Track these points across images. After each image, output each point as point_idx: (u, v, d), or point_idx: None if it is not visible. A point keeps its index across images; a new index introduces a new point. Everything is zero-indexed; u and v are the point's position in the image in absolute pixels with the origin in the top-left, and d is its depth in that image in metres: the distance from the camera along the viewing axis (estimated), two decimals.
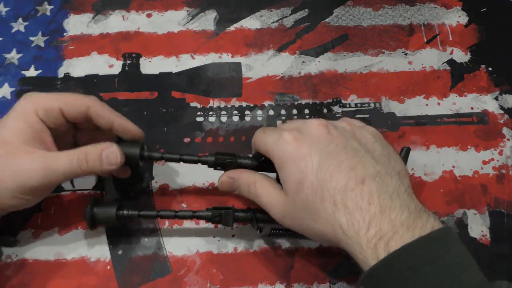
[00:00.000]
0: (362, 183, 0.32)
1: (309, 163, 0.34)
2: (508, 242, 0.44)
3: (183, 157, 0.41)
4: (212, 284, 0.42)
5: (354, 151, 0.34)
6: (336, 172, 0.33)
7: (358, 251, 0.31)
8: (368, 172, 0.33)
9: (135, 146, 0.40)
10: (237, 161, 0.41)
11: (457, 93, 0.52)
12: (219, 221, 0.40)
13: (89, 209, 0.40)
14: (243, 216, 0.41)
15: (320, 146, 0.34)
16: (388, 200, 0.32)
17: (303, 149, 0.34)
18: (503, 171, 0.47)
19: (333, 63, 0.53)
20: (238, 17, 0.56)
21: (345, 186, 0.32)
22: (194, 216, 0.40)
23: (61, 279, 0.41)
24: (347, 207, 0.32)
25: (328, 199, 0.33)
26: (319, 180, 0.33)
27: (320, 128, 0.35)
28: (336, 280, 0.42)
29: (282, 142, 0.35)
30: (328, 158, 0.34)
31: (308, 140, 0.35)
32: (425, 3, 0.58)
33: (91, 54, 0.53)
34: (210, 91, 0.51)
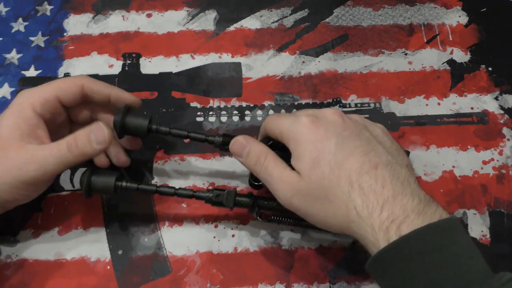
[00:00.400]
0: (376, 168, 0.33)
1: (327, 145, 0.34)
2: (508, 242, 0.44)
3: (190, 134, 0.41)
4: (212, 284, 0.42)
5: (367, 140, 0.36)
6: (352, 155, 0.34)
7: (369, 233, 0.32)
8: (381, 160, 0.34)
9: (144, 117, 0.40)
10: None
11: (457, 93, 0.52)
12: (220, 201, 0.40)
13: (87, 175, 0.39)
14: (244, 200, 0.40)
15: (337, 131, 0.35)
16: (400, 187, 0.33)
17: (320, 132, 0.35)
18: (503, 171, 0.47)
19: (333, 63, 0.53)
20: (238, 17, 0.56)
21: (360, 168, 0.33)
22: (194, 196, 0.40)
23: (61, 279, 0.41)
24: (362, 188, 0.33)
25: (344, 178, 0.33)
26: (336, 160, 0.34)
27: (336, 115, 0.36)
28: (336, 280, 0.42)
29: (299, 124, 0.36)
30: (344, 142, 0.35)
31: (325, 124, 0.36)
32: (425, 3, 0.58)
33: (91, 54, 0.53)
34: (210, 91, 0.51)
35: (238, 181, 0.46)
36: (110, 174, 0.40)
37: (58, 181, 0.46)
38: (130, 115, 0.40)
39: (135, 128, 0.40)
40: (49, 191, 0.45)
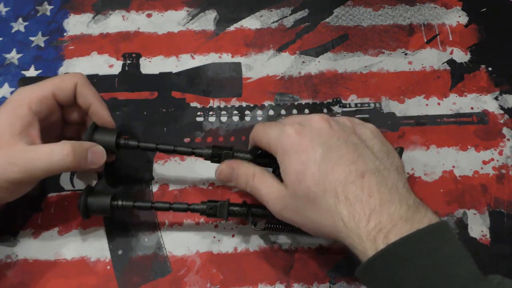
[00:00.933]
0: (362, 177, 0.33)
1: (311, 155, 0.34)
2: (508, 242, 0.44)
3: (159, 146, 0.41)
4: (212, 284, 0.42)
5: (354, 146, 0.35)
6: (337, 165, 0.33)
7: (357, 243, 0.32)
8: (368, 167, 0.34)
9: (111, 133, 0.41)
10: (234, 154, 0.41)
11: (457, 93, 0.52)
12: (214, 214, 0.40)
13: (83, 198, 0.39)
14: (238, 210, 0.41)
15: (322, 139, 0.35)
16: (388, 194, 0.32)
17: (305, 142, 0.35)
18: (503, 171, 0.47)
19: (333, 63, 0.53)
20: (238, 17, 0.56)
21: (346, 179, 0.33)
22: (189, 209, 0.40)
23: (61, 279, 0.41)
24: (348, 199, 0.32)
25: (330, 190, 0.33)
26: (321, 171, 0.33)
27: (321, 121, 0.36)
28: (336, 280, 0.42)
29: (284, 135, 0.36)
30: (330, 151, 0.34)
31: (310, 133, 0.35)
32: (425, 3, 0.58)
33: (91, 54, 0.53)
34: (210, 91, 0.51)
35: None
36: (106, 195, 0.40)
37: (58, 181, 0.46)
38: (98, 133, 0.41)
39: (103, 145, 0.40)
40: (49, 191, 0.45)
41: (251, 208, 0.41)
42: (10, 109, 0.38)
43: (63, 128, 0.43)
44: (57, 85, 0.40)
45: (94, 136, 0.41)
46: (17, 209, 0.44)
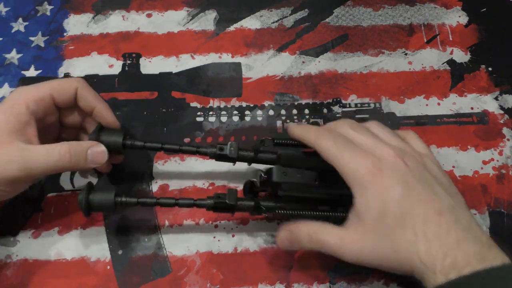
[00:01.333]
0: (440, 215, 0.34)
1: (392, 194, 0.34)
2: (508, 242, 0.44)
3: (164, 146, 0.41)
4: (212, 284, 0.42)
5: (429, 183, 0.35)
6: (417, 204, 0.34)
7: (430, 277, 0.32)
8: (443, 205, 0.34)
9: (117, 134, 0.41)
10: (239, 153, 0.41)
11: (457, 93, 0.52)
12: (223, 202, 0.39)
13: (85, 194, 0.38)
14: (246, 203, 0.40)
15: (400, 178, 0.35)
16: (462, 232, 0.33)
17: (385, 180, 0.35)
18: (503, 171, 0.47)
19: (333, 63, 0.53)
20: (238, 17, 0.56)
21: (425, 218, 0.34)
22: (195, 204, 0.40)
23: (61, 279, 0.41)
24: (427, 235, 0.33)
25: (410, 228, 0.33)
26: (402, 210, 0.34)
27: (397, 159, 0.36)
28: (336, 280, 0.42)
29: (363, 169, 0.35)
30: (408, 190, 0.34)
31: (388, 170, 0.35)
32: (425, 3, 0.58)
33: (91, 54, 0.53)
34: (210, 91, 0.51)
35: (238, 182, 0.46)
36: (108, 191, 0.39)
37: (58, 181, 0.46)
38: (104, 133, 0.41)
39: (110, 145, 0.40)
40: (49, 191, 0.45)
41: (258, 200, 0.41)
42: (8, 107, 0.38)
43: (61, 131, 0.43)
44: (56, 88, 0.40)
45: (101, 137, 0.41)
46: (17, 209, 0.44)
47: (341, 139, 0.37)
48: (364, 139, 0.37)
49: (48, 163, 0.37)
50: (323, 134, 0.38)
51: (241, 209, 0.40)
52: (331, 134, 0.37)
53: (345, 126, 0.38)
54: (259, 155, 0.41)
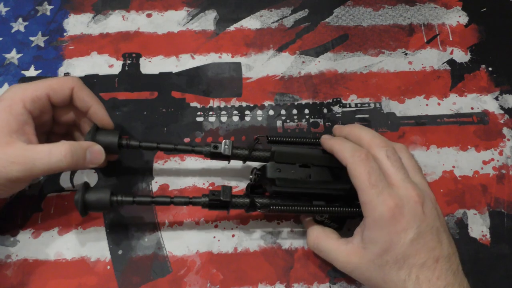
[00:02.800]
0: (436, 262, 0.36)
1: (402, 239, 0.36)
2: (508, 242, 0.44)
3: (160, 145, 0.42)
4: (212, 284, 0.42)
5: (437, 232, 0.37)
6: (420, 252, 0.36)
7: None
8: (443, 252, 0.36)
9: (113, 134, 0.41)
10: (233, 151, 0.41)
11: (457, 93, 0.52)
12: (217, 199, 0.40)
13: (81, 194, 0.39)
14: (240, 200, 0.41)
15: (416, 224, 0.36)
16: (452, 277, 0.36)
17: (401, 223, 0.36)
18: (503, 171, 0.47)
19: (333, 63, 0.53)
20: (238, 17, 0.56)
21: (423, 264, 0.35)
22: (190, 202, 0.40)
23: (61, 279, 0.41)
24: (419, 279, 0.35)
25: (405, 269, 0.36)
26: (404, 254, 0.36)
27: (418, 205, 0.37)
28: (336, 280, 0.42)
29: (385, 207, 0.36)
30: (418, 237, 0.36)
31: (407, 215, 0.36)
32: (425, 3, 0.58)
33: (91, 54, 0.53)
34: (210, 91, 0.51)
35: (238, 181, 0.46)
36: (104, 190, 0.40)
37: (58, 181, 0.46)
38: (100, 134, 0.41)
39: (106, 145, 0.41)
40: (49, 191, 0.45)
41: (253, 197, 0.41)
42: (6, 107, 0.38)
43: (53, 126, 0.43)
44: (52, 87, 0.40)
45: (97, 137, 0.41)
46: (17, 209, 0.44)
47: (374, 172, 0.37)
48: (395, 171, 0.38)
49: (50, 163, 0.37)
50: (360, 158, 0.38)
51: (236, 206, 0.41)
52: (367, 163, 0.37)
53: (382, 152, 0.38)
54: (253, 153, 0.42)
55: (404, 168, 0.38)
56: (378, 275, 0.37)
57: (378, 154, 0.38)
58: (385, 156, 0.38)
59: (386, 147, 0.39)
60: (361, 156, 0.38)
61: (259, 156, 0.42)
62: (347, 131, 0.42)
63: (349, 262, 0.38)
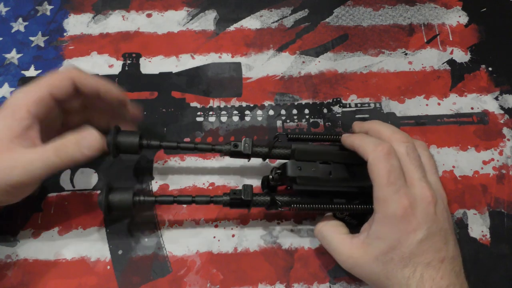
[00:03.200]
0: (442, 262, 0.36)
1: (410, 239, 0.36)
2: (508, 242, 0.44)
3: (180, 144, 0.42)
4: (212, 284, 0.42)
5: (445, 233, 0.37)
6: (426, 252, 0.36)
7: None
8: (448, 253, 0.36)
9: (134, 135, 0.41)
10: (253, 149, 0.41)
11: (457, 93, 0.52)
12: (238, 201, 0.40)
13: (104, 195, 0.39)
14: (262, 199, 0.41)
15: (427, 225, 0.36)
16: (455, 278, 0.36)
17: (412, 223, 0.36)
18: (503, 171, 0.47)
19: (333, 63, 0.53)
20: (238, 17, 0.56)
21: (429, 262, 0.36)
22: (212, 201, 0.41)
23: (61, 279, 0.41)
24: (423, 277, 0.35)
25: (410, 267, 0.36)
26: (411, 254, 0.36)
27: (431, 205, 0.37)
28: (336, 280, 0.42)
29: (399, 206, 0.36)
30: (427, 238, 0.36)
31: (419, 216, 0.36)
32: (425, 3, 0.58)
33: (91, 54, 0.53)
34: (210, 91, 0.51)
35: (238, 182, 0.46)
36: (127, 191, 0.40)
37: (58, 181, 0.46)
38: (120, 135, 0.41)
39: (127, 146, 0.41)
40: (49, 191, 0.45)
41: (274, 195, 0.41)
42: (9, 113, 0.38)
43: (65, 118, 0.43)
44: (53, 84, 0.39)
45: (118, 138, 0.41)
46: (17, 209, 0.44)
47: (395, 170, 0.37)
48: (413, 169, 0.38)
49: (48, 162, 0.37)
50: (382, 153, 0.37)
51: (257, 205, 0.41)
52: (389, 160, 0.37)
53: (402, 147, 0.38)
54: (273, 150, 0.42)
55: (422, 167, 0.38)
56: (381, 272, 0.36)
57: (399, 149, 0.38)
58: (405, 152, 0.38)
59: (406, 142, 0.39)
60: (384, 150, 0.37)
61: (279, 154, 0.42)
62: (367, 126, 0.42)
63: (351, 257, 0.38)
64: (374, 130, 0.41)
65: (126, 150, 0.41)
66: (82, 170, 0.46)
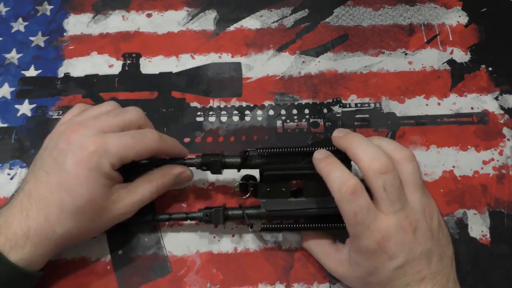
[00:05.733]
0: (422, 281, 0.35)
1: (386, 267, 0.35)
2: (508, 242, 0.44)
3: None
4: (212, 284, 0.42)
5: (428, 253, 0.35)
6: (405, 275, 0.35)
7: None
8: (430, 271, 0.35)
9: None
10: (222, 161, 0.41)
11: (457, 93, 0.52)
12: (210, 220, 0.41)
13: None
14: (234, 214, 0.41)
15: (403, 253, 0.35)
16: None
17: (387, 253, 0.35)
18: (503, 171, 0.47)
19: (333, 63, 0.53)
20: (238, 17, 0.56)
21: (406, 284, 0.35)
22: (188, 218, 0.41)
23: (61, 279, 0.41)
24: None
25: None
26: (388, 278, 0.35)
27: (407, 233, 0.35)
28: (336, 280, 0.42)
29: (369, 238, 0.35)
30: (405, 264, 0.35)
31: (394, 246, 0.35)
32: (425, 3, 0.58)
33: (91, 54, 0.53)
34: (210, 91, 0.51)
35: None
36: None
37: None
38: None
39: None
40: None
41: (246, 211, 0.41)
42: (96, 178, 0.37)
43: None
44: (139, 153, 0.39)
45: None
46: None
47: (361, 210, 0.34)
48: (389, 204, 0.35)
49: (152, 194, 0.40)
50: (346, 194, 0.35)
51: (230, 220, 0.42)
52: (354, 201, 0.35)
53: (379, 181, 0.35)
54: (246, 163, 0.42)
55: (401, 197, 0.35)
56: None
57: (375, 184, 0.35)
58: (382, 187, 0.35)
59: (386, 173, 0.35)
60: (348, 191, 0.34)
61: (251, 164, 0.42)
62: (345, 145, 0.37)
63: (337, 271, 0.40)
64: (351, 154, 0.37)
65: None
66: None
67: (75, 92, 0.50)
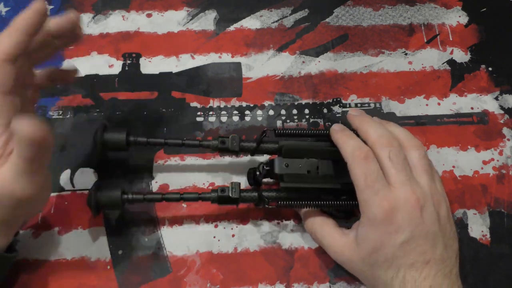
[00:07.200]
0: (426, 264, 0.36)
1: (393, 239, 0.36)
2: (508, 242, 0.44)
3: (167, 141, 0.43)
4: (212, 284, 0.42)
5: (433, 236, 0.36)
6: (410, 253, 0.36)
7: None
8: (434, 255, 0.36)
9: (121, 132, 0.42)
10: (240, 144, 0.42)
11: (457, 93, 0.52)
12: (227, 197, 0.41)
13: (93, 193, 0.40)
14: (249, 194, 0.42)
15: (409, 228, 0.36)
16: (440, 279, 0.36)
17: (393, 225, 0.36)
18: (503, 171, 0.47)
19: (333, 63, 0.53)
20: (238, 17, 0.56)
21: (411, 265, 0.36)
22: (200, 198, 0.41)
23: (61, 279, 0.41)
24: (405, 278, 0.36)
25: (394, 268, 0.36)
26: (393, 255, 0.36)
27: (415, 209, 0.36)
28: (336, 280, 0.42)
29: (377, 205, 0.36)
30: (410, 241, 0.36)
31: (401, 218, 0.36)
32: (425, 3, 0.58)
33: (91, 54, 0.53)
34: (210, 91, 0.51)
35: (239, 181, 0.46)
36: (115, 189, 0.41)
37: (58, 181, 0.46)
38: (107, 133, 0.42)
39: (114, 143, 0.42)
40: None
41: (261, 192, 0.42)
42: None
43: None
44: None
45: (104, 136, 0.42)
46: None
47: (371, 173, 0.37)
48: (395, 173, 0.37)
49: None
50: (359, 159, 0.37)
51: (245, 201, 0.42)
52: (365, 164, 0.37)
53: (384, 152, 0.38)
54: (261, 145, 0.42)
55: (407, 170, 0.38)
56: (368, 271, 0.38)
57: (380, 154, 0.38)
58: (387, 157, 0.38)
59: (390, 147, 0.38)
60: (360, 155, 0.37)
61: (267, 149, 0.43)
62: (357, 124, 0.41)
63: (342, 255, 0.39)
64: (362, 131, 0.40)
65: (113, 147, 0.42)
66: (82, 170, 0.46)
67: (75, 92, 0.50)
